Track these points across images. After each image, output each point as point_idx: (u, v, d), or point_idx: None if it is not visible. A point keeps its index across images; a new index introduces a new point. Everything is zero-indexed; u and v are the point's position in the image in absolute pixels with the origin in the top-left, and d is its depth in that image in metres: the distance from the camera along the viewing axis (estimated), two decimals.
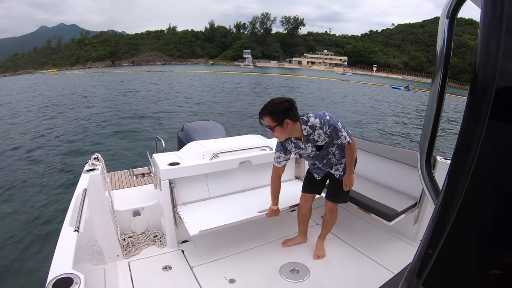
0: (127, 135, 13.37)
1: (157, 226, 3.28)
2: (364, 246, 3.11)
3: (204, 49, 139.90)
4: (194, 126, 4.55)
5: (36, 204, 6.91)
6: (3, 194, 7.54)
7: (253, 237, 3.27)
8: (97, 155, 2.97)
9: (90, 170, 2.69)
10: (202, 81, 46.26)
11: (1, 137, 13.62)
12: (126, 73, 70.09)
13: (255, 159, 3.30)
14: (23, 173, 9.13)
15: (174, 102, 23.65)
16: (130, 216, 3.14)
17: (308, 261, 2.86)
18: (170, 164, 2.96)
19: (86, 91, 33.09)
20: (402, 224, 3.16)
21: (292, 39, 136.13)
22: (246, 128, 14.90)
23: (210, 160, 3.09)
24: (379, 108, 24.60)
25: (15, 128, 15.37)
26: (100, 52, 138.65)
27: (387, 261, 2.83)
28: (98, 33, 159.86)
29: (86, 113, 18.76)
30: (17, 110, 21.62)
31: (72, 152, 10.96)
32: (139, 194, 3.58)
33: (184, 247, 3.08)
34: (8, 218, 6.35)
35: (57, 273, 1.33)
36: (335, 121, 2.43)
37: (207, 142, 3.51)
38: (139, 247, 3.01)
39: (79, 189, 2.30)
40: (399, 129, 16.67)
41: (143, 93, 30.03)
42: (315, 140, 2.52)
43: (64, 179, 8.32)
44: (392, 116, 20.79)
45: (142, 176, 4.38)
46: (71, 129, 14.66)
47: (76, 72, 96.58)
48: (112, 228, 2.76)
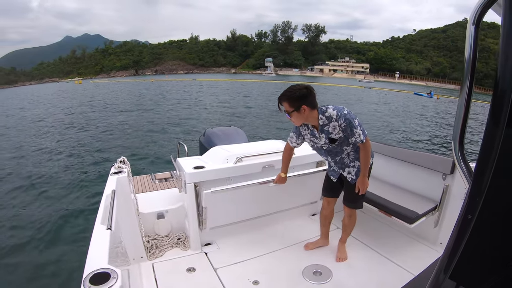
0: (148, 140, 13.81)
1: (181, 229, 3.34)
2: (385, 248, 3.13)
3: (226, 58, 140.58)
4: (216, 132, 4.59)
5: (62, 201, 7.33)
6: (33, 190, 8.15)
7: (276, 240, 3.31)
8: (123, 158, 3.02)
9: (117, 172, 2.76)
10: (224, 89, 47.02)
11: (31, 141, 14.55)
12: (150, 82, 71.70)
13: (278, 163, 3.28)
14: (50, 171, 9.78)
15: (195, 109, 24.09)
16: (154, 219, 3.21)
17: (330, 264, 2.89)
18: (195, 167, 3.01)
19: (108, 99, 34.10)
20: (422, 227, 3.19)
21: (314, 47, 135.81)
22: (267, 134, 15.12)
23: (234, 164, 3.14)
24: (401, 114, 24.60)
25: (43, 131, 16.55)
26: (124, 62, 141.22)
27: (408, 264, 2.85)
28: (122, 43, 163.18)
29: (109, 120, 19.54)
30: (44, 116, 23.03)
31: (94, 156, 11.56)
32: (162, 197, 3.64)
33: (208, 250, 3.12)
34: (36, 213, 6.76)
35: (93, 268, 1.34)
36: (352, 117, 2.46)
37: (230, 146, 3.56)
38: (162, 249, 3.07)
39: (107, 190, 2.38)
40: (419, 134, 16.71)
41: (166, 100, 30.66)
42: (329, 132, 2.55)
43: (87, 181, 8.82)
44: (412, 121, 20.79)
45: (164, 181, 4.49)
46: (93, 134, 15.41)
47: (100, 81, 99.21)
48: (137, 230, 2.83)
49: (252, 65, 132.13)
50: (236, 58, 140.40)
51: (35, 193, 8.09)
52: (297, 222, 3.69)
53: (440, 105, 35.29)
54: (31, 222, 6.44)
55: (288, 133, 2.90)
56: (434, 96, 44.93)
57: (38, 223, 6.39)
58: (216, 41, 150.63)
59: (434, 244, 3.21)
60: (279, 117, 20.51)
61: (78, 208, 6.98)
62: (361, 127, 2.47)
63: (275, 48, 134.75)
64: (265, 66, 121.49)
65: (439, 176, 3.14)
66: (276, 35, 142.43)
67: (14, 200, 7.64)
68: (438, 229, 3.19)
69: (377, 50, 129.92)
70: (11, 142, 14.46)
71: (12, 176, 9.49)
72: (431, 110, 29.18)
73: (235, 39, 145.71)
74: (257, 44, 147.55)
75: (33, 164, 10.74)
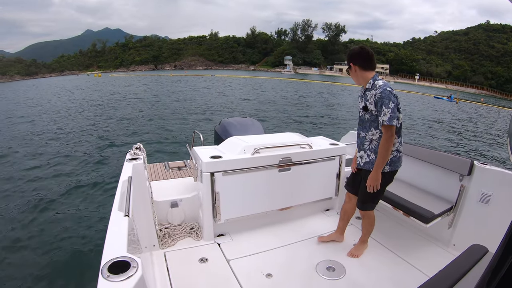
0: (162, 129, 14.01)
1: (194, 219, 3.31)
2: (398, 248, 3.10)
3: (245, 55, 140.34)
4: (232, 122, 4.52)
5: (76, 189, 7.43)
6: (52, 174, 8.48)
7: (289, 234, 3.29)
8: (139, 145, 2.99)
9: (133, 159, 2.73)
10: (242, 85, 47.48)
11: (57, 127, 15.38)
12: (169, 76, 72.77)
13: (295, 156, 3.32)
14: (69, 151, 10.39)
15: (212, 101, 24.50)
16: (167, 207, 3.19)
17: (344, 260, 2.86)
18: (212, 157, 2.99)
19: (126, 91, 35.10)
20: (436, 228, 3.16)
21: (333, 46, 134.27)
22: (284, 126, 15.11)
23: (252, 155, 3.10)
24: (423, 117, 24.51)
25: (69, 118, 17.49)
26: (144, 56, 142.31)
27: (422, 265, 2.81)
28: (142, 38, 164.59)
29: (125, 110, 20.17)
30: (68, 105, 24.19)
31: (109, 141, 12.02)
32: (176, 186, 3.61)
33: (220, 241, 3.10)
34: (53, 199, 6.81)
35: (112, 256, 1.29)
36: (390, 97, 2.45)
37: (247, 137, 3.49)
38: (175, 238, 3.04)
39: (124, 176, 2.33)
40: (437, 137, 16.70)
41: (184, 93, 31.25)
42: (367, 98, 2.63)
43: (102, 165, 9.15)
44: (432, 125, 20.70)
45: (178, 169, 4.42)
46: (110, 123, 15.94)
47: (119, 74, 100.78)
48: (151, 218, 2.80)
49: (271, 62, 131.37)
50: (255, 55, 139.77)
51: (55, 170, 8.59)
52: (311, 217, 3.70)
53: (461, 110, 35.07)
54: (46, 197, 6.72)
55: (303, 126, 3.25)
56: (454, 100, 44.59)
57: (51, 198, 6.64)
58: (236, 38, 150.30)
59: (447, 246, 3.19)
60: (295, 111, 21.04)
61: (93, 191, 7.17)
62: (392, 111, 2.43)
63: (294, 46, 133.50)
64: (284, 64, 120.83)
65: (456, 176, 3.14)
66: (296, 33, 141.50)
67: (33, 180, 8.02)
68: (452, 231, 3.17)
69: (397, 51, 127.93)
70: (40, 128, 15.21)
71: (29, 155, 10.08)
72: (449, 114, 29.09)
73: (254, 37, 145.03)
74: (276, 42, 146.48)
75: (54, 144, 11.37)
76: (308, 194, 3.62)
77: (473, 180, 3.03)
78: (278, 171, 3.28)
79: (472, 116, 28.92)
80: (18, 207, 6.46)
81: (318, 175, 3.62)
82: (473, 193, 3.03)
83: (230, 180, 3.01)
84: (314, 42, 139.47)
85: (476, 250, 1.84)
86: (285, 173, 3.32)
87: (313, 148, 3.49)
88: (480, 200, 2.98)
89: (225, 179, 2.98)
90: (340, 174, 3.78)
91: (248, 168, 3.09)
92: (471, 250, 1.86)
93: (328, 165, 3.67)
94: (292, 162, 3.33)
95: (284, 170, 3.31)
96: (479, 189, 2.99)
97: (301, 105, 25.12)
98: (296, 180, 3.41)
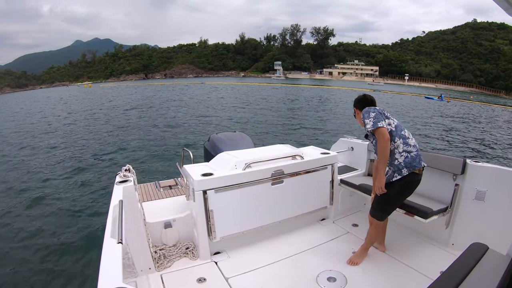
0: (150, 148, 13.50)
1: (189, 238, 3.24)
2: (398, 251, 3.10)
3: (235, 61, 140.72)
4: (221, 137, 4.48)
5: (65, 213, 6.96)
6: (33, 200, 7.79)
7: (287, 247, 3.24)
8: (129, 166, 2.93)
9: (123, 181, 2.68)
10: (231, 93, 46.97)
11: (29, 145, 14.61)
12: (159, 85, 72.21)
13: (287, 168, 3.29)
14: (51, 179, 9.46)
15: (202, 113, 23.98)
16: (161, 228, 3.11)
17: (344, 269, 2.82)
18: (204, 174, 2.94)
19: (114, 103, 34.32)
20: (433, 228, 3.22)
21: (323, 50, 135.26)
22: (273, 137, 14.77)
23: (243, 170, 3.07)
24: (415, 117, 24.52)
25: (45, 138, 16.43)
26: (134, 65, 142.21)
27: (424, 267, 2.80)
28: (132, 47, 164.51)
29: (111, 125, 19.56)
30: (50, 120, 23.33)
31: (95, 163, 11.27)
32: (168, 206, 3.55)
33: (217, 259, 3.04)
34: (40, 226, 6.41)
35: (108, 287, 1.28)
36: (367, 111, 2.75)
37: (237, 152, 3.47)
38: (171, 259, 2.97)
39: (114, 200, 2.28)
40: (431, 137, 16.66)
41: (172, 105, 30.61)
42: None
43: (90, 189, 8.51)
44: (422, 125, 20.72)
45: (169, 188, 4.32)
46: (95, 140, 15.24)
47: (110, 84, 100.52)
48: (145, 241, 2.73)
49: (261, 68, 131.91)
50: (245, 61, 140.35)
51: (37, 203, 7.76)
52: (307, 228, 3.67)
53: (452, 108, 34.97)
54: (33, 232, 6.21)
55: (294, 137, 3.05)
56: (444, 100, 44.68)
57: (39, 231, 6.18)
58: (225, 44, 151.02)
59: (446, 246, 3.21)
60: (285, 121, 20.66)
61: (84, 218, 6.78)
62: (373, 119, 2.65)
63: (284, 51, 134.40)
64: (274, 70, 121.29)
65: (449, 176, 3.17)
66: (285, 38, 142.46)
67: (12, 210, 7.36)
68: (450, 230, 3.19)
69: (386, 53, 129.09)
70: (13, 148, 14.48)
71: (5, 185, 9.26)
72: (440, 113, 28.98)
73: (244, 43, 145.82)
74: (266, 47, 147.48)
75: (32, 172, 10.52)
76: (302, 205, 3.60)
77: (467, 178, 3.07)
78: (271, 184, 3.25)
79: (463, 115, 28.79)
80: None
81: (312, 185, 3.60)
82: (468, 191, 3.07)
83: (223, 197, 2.97)
84: (303, 47, 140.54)
85: (476, 249, 1.83)
86: (278, 186, 3.29)
87: (304, 159, 3.47)
88: (475, 198, 3.03)
89: (218, 196, 2.94)
90: (333, 183, 3.75)
91: (240, 184, 3.06)
92: (471, 249, 1.84)
93: (321, 175, 3.66)
94: (285, 174, 3.30)
95: (277, 183, 3.28)
96: (473, 187, 3.03)
97: (291, 113, 24.73)
98: (290, 192, 3.38)
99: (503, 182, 2.86)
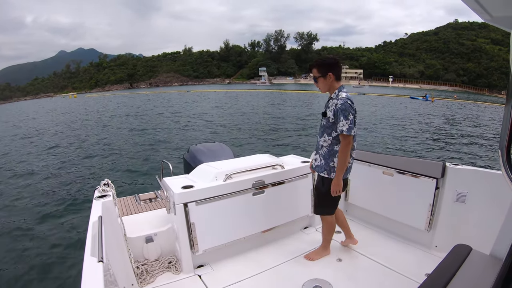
0: (129, 160, 13.20)
1: (171, 252, 3.20)
2: (383, 258, 3.10)
3: (220, 68, 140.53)
4: (201, 148, 4.46)
5: (43, 231, 6.75)
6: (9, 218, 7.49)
7: (271, 256, 3.23)
8: (107, 180, 2.89)
9: (102, 196, 2.64)
10: (216, 101, 46.54)
11: (11, 159, 14.35)
12: (144, 94, 71.63)
13: (267, 178, 3.29)
14: (28, 194, 9.14)
15: (183, 124, 23.41)
16: (142, 243, 3.07)
17: (330, 277, 2.80)
18: (184, 187, 2.91)
19: (96, 115, 33.58)
20: (416, 232, 3.29)
21: (307, 54, 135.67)
22: (254, 146, 14.60)
23: (224, 181, 3.05)
24: (399, 118, 24.70)
25: (24, 151, 16.18)
26: (118, 75, 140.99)
27: (409, 271, 2.82)
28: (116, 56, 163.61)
29: (90, 138, 19.07)
30: (30, 133, 22.80)
31: (73, 177, 10.83)
32: (149, 220, 3.51)
33: (201, 272, 3.00)
34: (15, 246, 6.19)
35: None
36: (350, 110, 2.66)
37: (217, 163, 3.46)
38: (153, 274, 2.93)
39: (93, 216, 2.23)
40: (414, 139, 16.79)
41: (153, 115, 30.22)
42: (328, 105, 2.83)
43: (68, 205, 8.22)
44: (408, 127, 20.82)
45: (149, 201, 4.27)
46: (71, 153, 14.87)
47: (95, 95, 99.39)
48: (126, 256, 2.68)
49: (246, 75, 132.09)
50: (230, 68, 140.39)
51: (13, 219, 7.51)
52: (290, 237, 3.67)
53: (437, 108, 35.34)
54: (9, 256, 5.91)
55: (274, 148, 2.76)
56: (429, 99, 45.45)
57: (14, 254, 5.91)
58: (210, 52, 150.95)
59: (429, 248, 3.24)
60: (266, 127, 20.47)
61: (63, 235, 6.54)
62: (351, 123, 2.64)
63: (268, 57, 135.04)
64: (259, 76, 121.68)
65: (429, 180, 3.18)
66: (269, 44, 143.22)
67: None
68: (433, 233, 3.23)
69: (370, 56, 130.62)
70: None
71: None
72: (426, 113, 29.22)
73: (228, 50, 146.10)
74: (250, 54, 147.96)
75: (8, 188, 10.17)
76: (285, 215, 3.60)
77: (447, 181, 3.11)
78: (252, 195, 3.22)
79: (449, 114, 29.19)
80: None
81: (293, 194, 3.61)
82: (449, 193, 3.10)
83: (204, 209, 2.93)
84: (287, 52, 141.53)
85: (460, 250, 1.85)
86: (259, 196, 3.28)
87: (285, 168, 3.47)
88: (456, 200, 3.06)
89: (199, 209, 2.89)
90: (314, 191, 3.73)
91: (221, 195, 3.03)
92: (455, 250, 1.87)
93: (302, 183, 3.67)
94: (265, 184, 3.29)
95: (258, 193, 3.27)
96: (454, 189, 3.08)
97: (274, 121, 24.31)
98: (271, 202, 3.38)
99: (482, 183, 2.91)
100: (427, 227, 3.20)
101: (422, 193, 3.23)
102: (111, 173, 11.17)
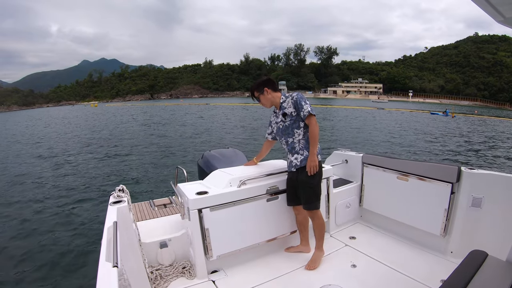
0: (144, 166, 13.30)
1: (185, 257, 3.19)
2: (397, 262, 3.06)
3: (240, 81, 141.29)
4: (215, 154, 4.44)
5: (59, 237, 6.76)
6: (26, 223, 7.51)
7: (284, 263, 3.20)
8: (122, 186, 2.89)
9: (117, 202, 2.64)
10: (233, 112, 47.05)
11: (26, 164, 14.54)
12: (164, 106, 71.99)
13: (282, 184, 3.26)
14: (43, 200, 9.18)
15: (198, 131, 23.87)
16: (157, 248, 3.07)
17: (344, 283, 2.77)
18: (198, 193, 2.91)
19: (116, 123, 34.29)
20: (431, 238, 3.23)
21: (326, 69, 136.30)
22: (269, 153, 14.55)
23: (238, 187, 3.03)
24: (421, 134, 24.01)
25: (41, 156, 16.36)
26: (139, 86, 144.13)
27: (424, 277, 2.77)
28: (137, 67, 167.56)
29: (108, 145, 19.25)
30: (50, 138, 23.49)
31: (89, 183, 10.96)
32: (163, 225, 3.52)
33: (215, 277, 2.98)
34: (33, 248, 6.26)
35: None
36: (304, 97, 2.94)
37: (231, 169, 3.43)
38: (167, 279, 2.91)
39: (108, 222, 2.23)
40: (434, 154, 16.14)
41: (169, 123, 30.73)
42: (284, 107, 2.99)
43: (83, 210, 8.29)
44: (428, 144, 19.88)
45: (164, 207, 4.23)
46: (88, 159, 15.01)
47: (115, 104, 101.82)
48: (141, 262, 2.67)
49: None
50: (250, 81, 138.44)
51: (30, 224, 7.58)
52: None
53: (458, 124, 34.20)
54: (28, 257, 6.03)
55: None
56: (449, 115, 44.27)
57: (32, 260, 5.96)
58: (230, 65, 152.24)
59: (445, 254, 3.18)
60: None
61: (78, 240, 6.61)
62: (310, 106, 2.88)
63: (288, 71, 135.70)
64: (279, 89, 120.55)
65: (445, 184, 3.17)
66: (289, 58, 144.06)
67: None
68: (448, 238, 3.18)
69: (390, 70, 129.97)
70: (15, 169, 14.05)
71: None
72: (446, 129, 28.25)
73: (248, 63, 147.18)
74: (270, 67, 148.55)
75: (25, 189, 10.38)
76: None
77: (462, 186, 3.08)
78: (266, 200, 3.22)
79: (469, 130, 27.86)
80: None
81: None
82: (464, 198, 3.06)
83: (218, 215, 2.94)
84: (307, 66, 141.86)
85: (476, 256, 1.83)
86: (273, 202, 3.27)
87: None
88: (472, 205, 3.03)
89: (214, 215, 2.90)
90: (328, 196, 3.76)
91: (235, 201, 3.02)
92: (471, 256, 1.84)
93: None
94: (280, 190, 3.28)
95: (272, 199, 3.27)
96: (469, 194, 3.04)
97: None
98: (285, 208, 3.36)
99: (498, 188, 2.87)
100: (442, 233, 3.16)
101: (437, 198, 3.21)
102: (126, 179, 11.27)
